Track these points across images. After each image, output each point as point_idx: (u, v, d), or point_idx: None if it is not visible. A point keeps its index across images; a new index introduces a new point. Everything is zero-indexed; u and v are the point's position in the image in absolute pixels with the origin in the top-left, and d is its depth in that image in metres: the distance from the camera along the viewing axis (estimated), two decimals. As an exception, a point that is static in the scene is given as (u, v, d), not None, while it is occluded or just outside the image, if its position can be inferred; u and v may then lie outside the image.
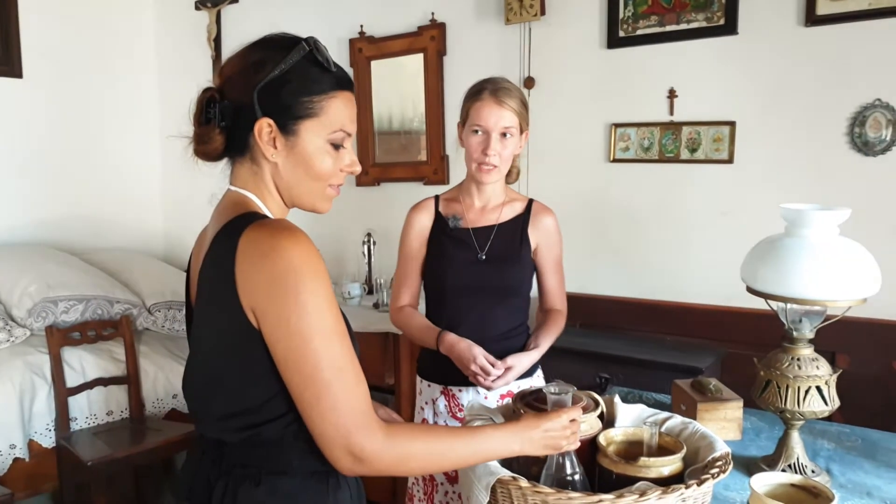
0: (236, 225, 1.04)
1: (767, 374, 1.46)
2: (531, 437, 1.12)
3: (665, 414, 1.33)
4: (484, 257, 1.84)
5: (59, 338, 2.93)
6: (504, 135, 1.77)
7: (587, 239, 2.89)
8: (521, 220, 1.88)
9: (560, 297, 1.95)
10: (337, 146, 1.11)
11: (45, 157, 3.80)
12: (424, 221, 1.92)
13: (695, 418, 1.67)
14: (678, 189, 2.73)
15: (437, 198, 1.95)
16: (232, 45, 4.16)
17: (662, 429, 1.29)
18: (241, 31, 3.91)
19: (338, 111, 1.10)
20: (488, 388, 1.75)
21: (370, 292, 3.33)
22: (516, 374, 1.76)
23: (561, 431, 1.14)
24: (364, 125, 3.45)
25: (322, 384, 0.97)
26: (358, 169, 1.16)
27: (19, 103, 3.68)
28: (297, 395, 0.99)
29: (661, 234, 2.79)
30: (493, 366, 1.71)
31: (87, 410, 3.00)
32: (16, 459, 2.77)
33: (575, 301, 2.03)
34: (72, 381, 2.92)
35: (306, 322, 0.97)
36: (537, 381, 1.92)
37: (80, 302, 3.14)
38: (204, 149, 1.10)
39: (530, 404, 1.28)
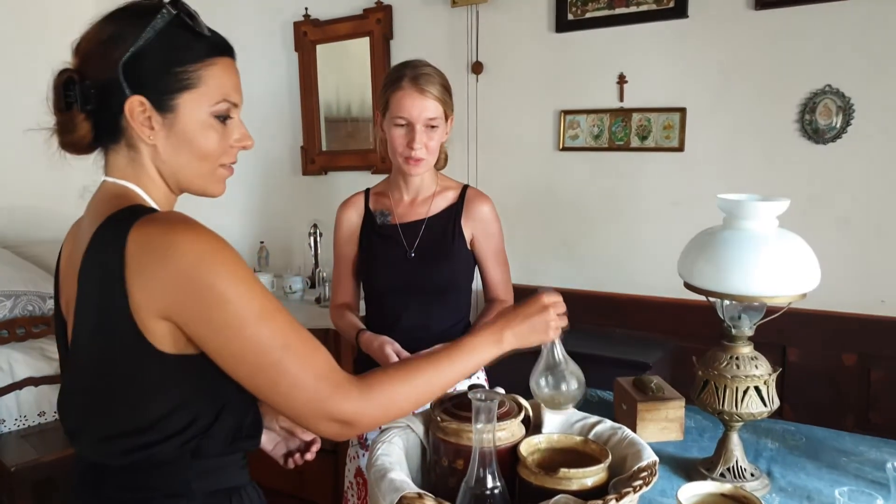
0: (119, 221, 0.91)
1: (705, 373, 1.39)
2: (515, 331, 1.06)
3: (594, 418, 1.25)
4: (413, 254, 1.74)
5: (-17, 337, 2.77)
6: (429, 126, 1.66)
7: (535, 229, 2.80)
8: (454, 211, 1.77)
9: (504, 287, 1.84)
10: (223, 119, 0.99)
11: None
12: (353, 219, 1.82)
13: (636, 418, 1.60)
14: (628, 178, 2.66)
15: (367, 192, 1.84)
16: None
17: (591, 435, 1.20)
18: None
19: (218, 80, 0.98)
20: None
21: (313, 286, 3.20)
22: None
23: (542, 315, 1.07)
24: (311, 112, 3.32)
25: (273, 367, 0.89)
26: (251, 143, 1.04)
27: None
28: (252, 386, 0.92)
29: (612, 224, 2.71)
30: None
31: (16, 412, 2.84)
32: (-65, 466, 2.61)
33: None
34: (-3, 381, 2.76)
35: (231, 313, 0.87)
36: (475, 381, 1.82)
37: (9, 298, 2.97)
38: (70, 139, 0.96)
39: (448, 410, 1.19)
